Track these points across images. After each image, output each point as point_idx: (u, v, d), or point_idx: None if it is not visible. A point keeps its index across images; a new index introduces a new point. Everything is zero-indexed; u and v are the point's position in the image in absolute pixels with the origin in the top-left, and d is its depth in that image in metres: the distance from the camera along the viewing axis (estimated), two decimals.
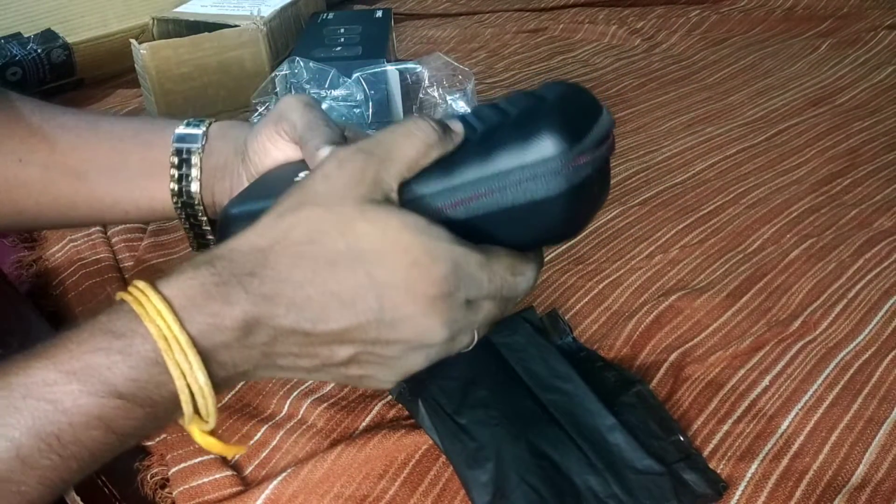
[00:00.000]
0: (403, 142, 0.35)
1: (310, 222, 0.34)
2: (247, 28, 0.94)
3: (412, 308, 0.34)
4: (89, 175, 0.50)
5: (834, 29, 1.15)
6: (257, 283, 0.33)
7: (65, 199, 0.50)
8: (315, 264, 0.33)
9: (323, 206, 0.34)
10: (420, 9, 1.34)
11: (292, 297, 0.33)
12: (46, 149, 0.50)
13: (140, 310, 0.32)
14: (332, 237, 0.33)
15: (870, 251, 0.66)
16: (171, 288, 0.33)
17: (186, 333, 0.32)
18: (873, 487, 0.46)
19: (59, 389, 0.31)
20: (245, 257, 0.33)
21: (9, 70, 0.97)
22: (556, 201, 0.36)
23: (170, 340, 0.32)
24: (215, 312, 0.32)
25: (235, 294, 0.33)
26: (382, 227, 0.33)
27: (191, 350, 0.32)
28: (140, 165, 0.50)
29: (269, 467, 0.50)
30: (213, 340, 0.33)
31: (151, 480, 0.49)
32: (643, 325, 0.59)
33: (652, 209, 0.74)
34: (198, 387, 0.32)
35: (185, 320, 0.32)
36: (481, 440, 0.48)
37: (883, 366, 0.55)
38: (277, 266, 0.33)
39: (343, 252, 0.33)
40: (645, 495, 0.45)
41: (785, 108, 0.93)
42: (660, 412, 0.50)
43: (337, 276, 0.33)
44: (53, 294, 0.67)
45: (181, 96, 0.93)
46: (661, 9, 1.25)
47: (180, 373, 0.32)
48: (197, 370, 0.32)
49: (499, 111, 0.39)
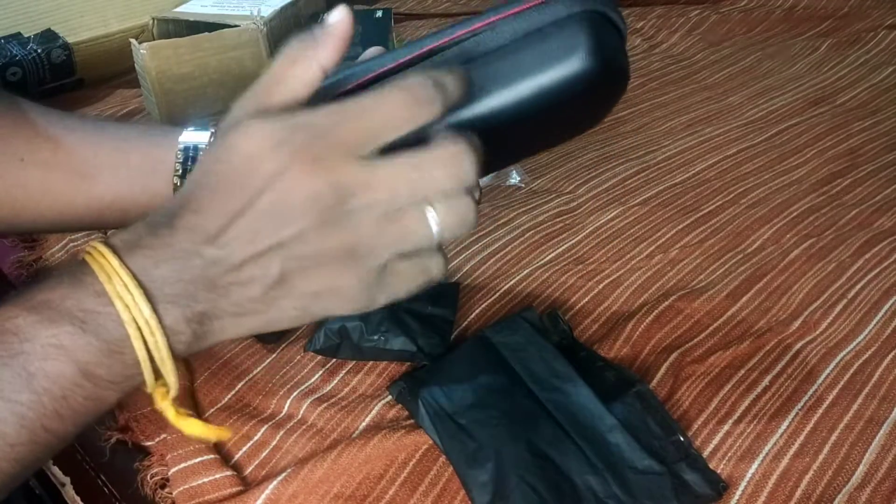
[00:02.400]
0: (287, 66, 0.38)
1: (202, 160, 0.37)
2: (247, 28, 0.94)
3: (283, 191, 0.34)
4: (91, 172, 0.50)
5: (834, 29, 1.15)
6: (177, 219, 0.35)
7: (64, 198, 0.51)
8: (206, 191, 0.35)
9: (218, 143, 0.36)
10: (420, 9, 1.34)
11: (200, 224, 0.35)
12: (50, 148, 0.50)
13: (87, 256, 0.35)
14: (210, 163, 0.36)
15: (870, 251, 0.66)
16: (114, 237, 0.36)
17: (126, 267, 0.34)
18: (873, 487, 0.46)
19: (19, 321, 0.33)
20: (171, 204, 0.36)
21: (9, 70, 0.97)
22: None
23: (110, 273, 0.34)
24: (149, 246, 0.35)
25: (162, 231, 0.35)
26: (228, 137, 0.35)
27: (130, 280, 0.34)
28: (143, 162, 0.50)
29: (269, 467, 0.50)
30: (152, 274, 0.34)
31: (151, 480, 0.49)
32: (643, 325, 0.59)
33: (652, 209, 0.74)
34: (143, 319, 0.34)
35: (124, 257, 0.34)
36: (481, 440, 0.48)
37: (883, 366, 0.55)
38: (187, 202, 0.35)
39: (228, 165, 0.35)
40: (645, 495, 0.45)
41: (785, 109, 0.93)
42: (660, 412, 0.50)
43: (220, 194, 0.35)
44: None
45: (181, 96, 0.93)
46: (661, 9, 1.25)
47: (123, 304, 0.34)
48: (138, 299, 0.33)
49: None
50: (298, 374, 0.56)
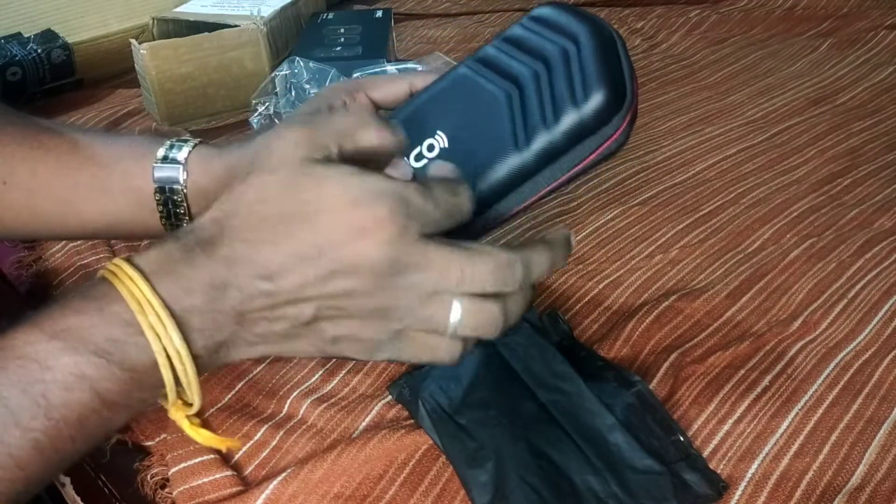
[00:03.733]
0: (340, 115, 0.38)
1: (258, 187, 0.35)
2: (247, 28, 0.94)
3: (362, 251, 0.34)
4: (75, 202, 0.49)
5: (834, 29, 1.15)
6: (216, 247, 0.35)
7: (54, 222, 0.50)
8: (266, 224, 0.35)
9: (269, 172, 0.35)
10: (420, 9, 1.34)
11: (250, 257, 0.34)
12: (28, 172, 0.49)
13: (113, 277, 0.34)
14: (279, 196, 0.35)
15: (870, 251, 0.66)
16: (141, 258, 0.35)
17: (158, 296, 0.33)
18: (873, 488, 0.46)
19: (42, 348, 0.32)
20: (204, 227, 0.35)
21: (9, 70, 0.97)
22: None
23: (142, 302, 0.33)
24: (183, 275, 0.34)
25: (199, 259, 0.34)
26: (321, 180, 0.35)
27: (163, 311, 0.33)
28: (125, 197, 0.49)
29: (269, 467, 0.50)
30: (183, 303, 0.34)
31: (151, 480, 0.50)
32: (643, 325, 0.59)
33: (652, 209, 0.74)
34: (174, 349, 0.34)
35: (155, 284, 0.34)
36: (481, 440, 0.48)
37: (883, 366, 0.55)
38: (234, 231, 0.35)
39: (290, 209, 0.35)
40: (645, 495, 0.45)
41: (785, 108, 0.93)
42: (660, 412, 0.50)
43: (287, 232, 0.34)
44: (53, 294, 0.68)
45: (181, 96, 0.93)
46: (661, 9, 1.25)
47: (155, 334, 0.33)
48: (171, 330, 0.33)
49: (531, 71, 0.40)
50: (298, 374, 0.56)
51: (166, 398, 0.36)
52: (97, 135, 0.52)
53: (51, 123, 0.52)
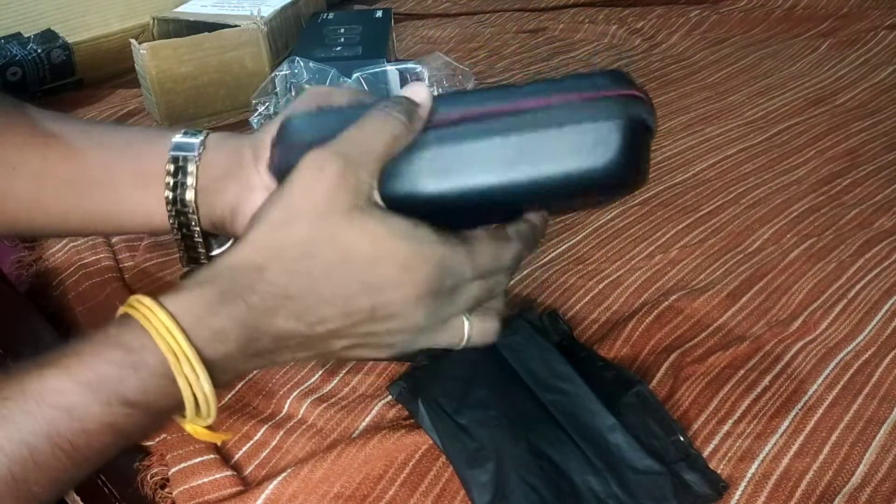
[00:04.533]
0: (375, 139, 0.37)
1: (301, 239, 0.36)
2: (247, 28, 0.94)
3: (402, 305, 0.36)
4: (80, 188, 0.49)
5: (834, 29, 1.15)
6: (257, 298, 0.35)
7: (57, 211, 0.50)
8: (310, 277, 0.35)
9: (310, 221, 0.35)
10: (420, 9, 1.34)
11: (290, 308, 0.35)
12: (39, 157, 0.49)
13: (149, 326, 0.34)
14: (324, 250, 0.35)
15: (870, 251, 0.66)
16: (176, 305, 0.35)
17: (194, 348, 0.34)
18: (873, 488, 0.46)
19: (74, 399, 0.32)
20: (243, 274, 0.35)
21: (9, 70, 0.97)
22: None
23: (178, 355, 0.33)
24: (219, 328, 0.35)
25: (237, 309, 0.35)
26: (370, 235, 0.35)
27: (198, 364, 0.34)
28: (132, 178, 0.49)
29: (269, 467, 0.50)
30: (218, 352, 0.35)
31: (151, 480, 0.49)
32: (643, 325, 0.59)
33: (652, 209, 0.74)
34: (203, 395, 0.34)
35: (192, 336, 0.34)
36: (481, 440, 0.48)
37: (883, 366, 0.55)
38: (274, 281, 0.35)
39: (335, 262, 0.35)
40: (645, 495, 0.45)
41: (785, 108, 0.93)
42: (660, 412, 0.50)
43: (331, 284, 0.35)
44: (53, 294, 0.68)
45: (181, 96, 0.93)
46: (661, 9, 1.25)
47: (187, 384, 0.34)
48: (203, 381, 0.34)
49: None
50: (298, 373, 0.56)
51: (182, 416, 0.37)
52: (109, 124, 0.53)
53: (62, 114, 0.53)
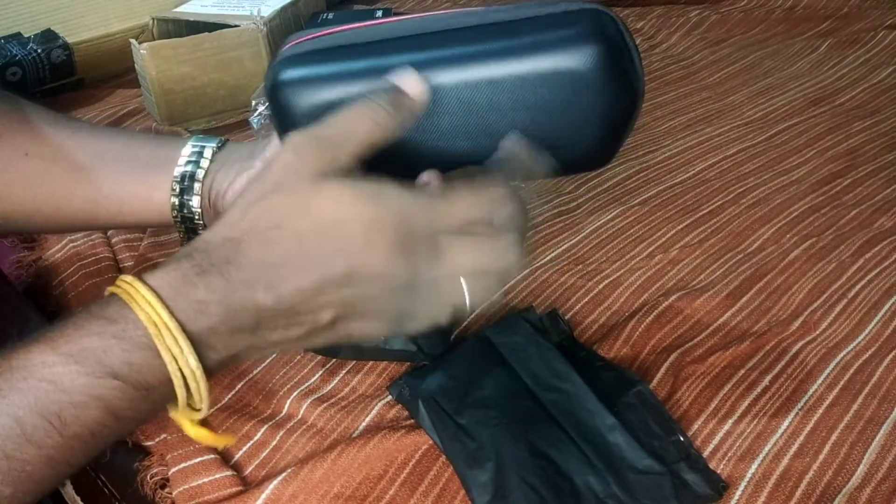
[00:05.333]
0: (356, 125, 0.37)
1: (273, 209, 0.36)
2: (247, 28, 0.94)
3: (377, 265, 0.35)
4: (92, 167, 0.51)
5: (834, 29, 1.15)
6: (233, 269, 0.35)
7: (61, 191, 0.51)
8: (284, 245, 0.35)
9: (283, 192, 0.36)
10: (420, 9, 1.34)
11: (268, 279, 0.35)
12: (56, 144, 0.50)
13: (129, 299, 0.34)
14: (295, 218, 0.35)
15: (870, 251, 0.66)
16: (156, 279, 0.35)
17: (175, 319, 0.34)
18: (873, 487, 0.46)
19: (59, 370, 0.33)
20: (220, 248, 0.35)
21: (9, 70, 0.97)
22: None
23: (159, 326, 0.33)
24: (199, 299, 0.34)
25: (215, 282, 0.35)
26: (336, 198, 0.35)
27: (180, 335, 0.34)
28: (148, 158, 0.51)
29: (269, 467, 0.50)
30: (200, 325, 0.34)
31: (151, 480, 0.50)
32: (643, 325, 0.59)
33: (652, 209, 0.74)
34: (189, 370, 0.34)
35: (172, 308, 0.34)
36: (481, 440, 0.48)
37: (883, 366, 0.55)
38: (250, 253, 0.35)
39: (307, 229, 0.35)
40: (645, 495, 0.45)
41: (785, 108, 0.93)
42: (660, 412, 0.50)
43: (305, 251, 0.35)
44: (53, 294, 0.68)
45: (181, 96, 0.93)
46: (661, 9, 1.25)
47: (171, 357, 0.34)
48: (188, 354, 0.34)
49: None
50: (298, 374, 0.56)
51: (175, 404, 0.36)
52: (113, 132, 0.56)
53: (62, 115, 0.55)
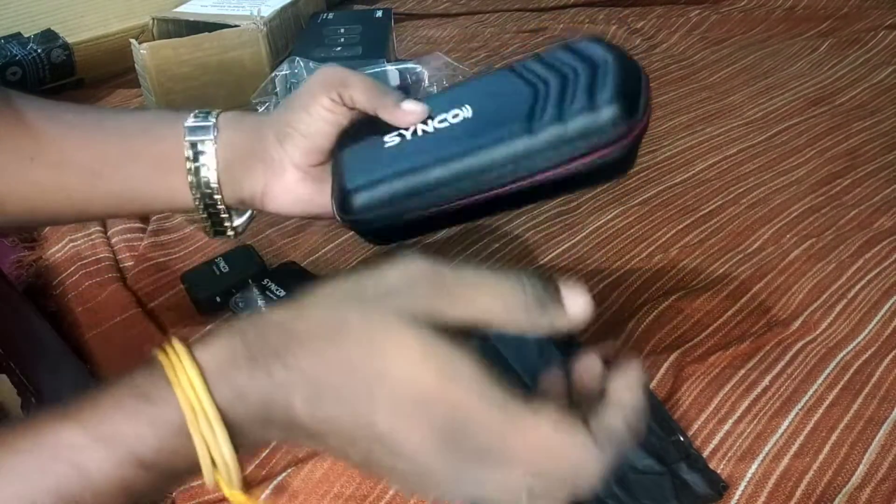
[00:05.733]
0: (485, 297, 0.33)
1: (339, 320, 0.32)
2: (247, 28, 0.94)
3: (409, 443, 0.32)
4: (104, 172, 0.50)
5: (834, 29, 1.15)
6: (279, 366, 0.32)
7: (80, 196, 0.50)
8: (333, 369, 0.32)
9: (360, 309, 0.33)
10: (420, 9, 1.34)
11: (308, 393, 0.32)
12: (56, 148, 0.50)
13: (172, 375, 0.32)
14: (353, 342, 0.32)
15: (870, 251, 0.66)
16: (205, 354, 0.33)
17: (214, 405, 0.32)
18: (873, 487, 0.46)
19: (86, 456, 0.31)
20: (275, 336, 0.33)
21: (9, 70, 0.97)
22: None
23: (197, 412, 0.31)
24: (241, 386, 0.32)
25: (259, 372, 0.32)
26: (401, 351, 0.31)
27: (217, 423, 0.32)
28: (153, 161, 0.50)
29: (269, 467, 0.50)
30: (237, 411, 0.32)
31: None
32: (643, 325, 0.59)
33: (652, 209, 0.74)
34: (221, 459, 0.32)
35: (213, 392, 0.32)
36: None
37: (883, 366, 0.55)
38: (298, 355, 0.32)
39: (357, 363, 0.32)
40: (645, 495, 0.45)
41: (785, 108, 0.93)
42: (660, 412, 0.50)
43: (351, 387, 0.32)
44: (53, 294, 0.68)
45: (181, 96, 0.93)
46: (661, 9, 1.25)
47: (204, 444, 0.32)
48: (222, 442, 0.32)
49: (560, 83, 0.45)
50: None
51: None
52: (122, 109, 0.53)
53: (75, 104, 0.53)
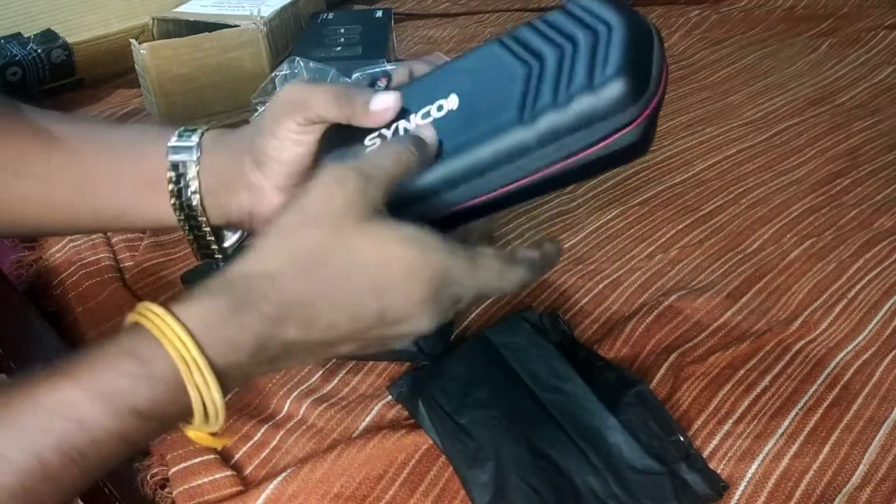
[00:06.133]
0: (392, 165, 0.39)
1: (314, 244, 0.36)
2: (247, 28, 0.93)
3: (408, 309, 0.37)
4: (88, 189, 0.49)
5: (834, 29, 1.15)
6: (268, 306, 0.35)
7: (65, 211, 0.50)
8: (320, 282, 0.36)
9: (325, 228, 0.36)
10: (420, 9, 1.34)
11: (301, 315, 0.36)
12: (42, 161, 0.49)
13: (161, 336, 0.34)
14: (336, 255, 0.36)
15: (870, 251, 0.66)
16: (189, 314, 0.35)
17: (205, 357, 0.34)
18: (873, 487, 0.46)
19: (85, 411, 0.33)
20: (255, 282, 0.36)
21: (9, 70, 0.97)
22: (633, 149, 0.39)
23: (189, 364, 0.34)
24: (230, 337, 0.35)
25: (249, 319, 0.35)
26: (380, 241, 0.36)
27: (209, 372, 0.34)
28: (137, 179, 0.49)
29: (269, 467, 0.50)
30: (227, 361, 0.35)
31: (151, 480, 0.50)
32: (643, 325, 0.59)
33: (652, 209, 0.74)
34: (212, 405, 0.35)
35: (203, 345, 0.34)
36: (481, 440, 0.48)
37: (883, 366, 0.55)
38: (286, 288, 0.36)
39: (346, 267, 0.36)
40: (645, 495, 0.45)
41: (785, 108, 0.93)
42: (660, 412, 0.50)
43: (342, 289, 0.36)
44: (53, 294, 0.68)
45: (181, 96, 0.93)
46: (661, 9, 1.25)
47: (197, 392, 0.34)
48: (213, 390, 0.34)
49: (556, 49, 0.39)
50: (298, 373, 0.56)
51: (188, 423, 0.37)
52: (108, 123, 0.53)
53: (61, 115, 0.52)
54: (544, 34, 0.40)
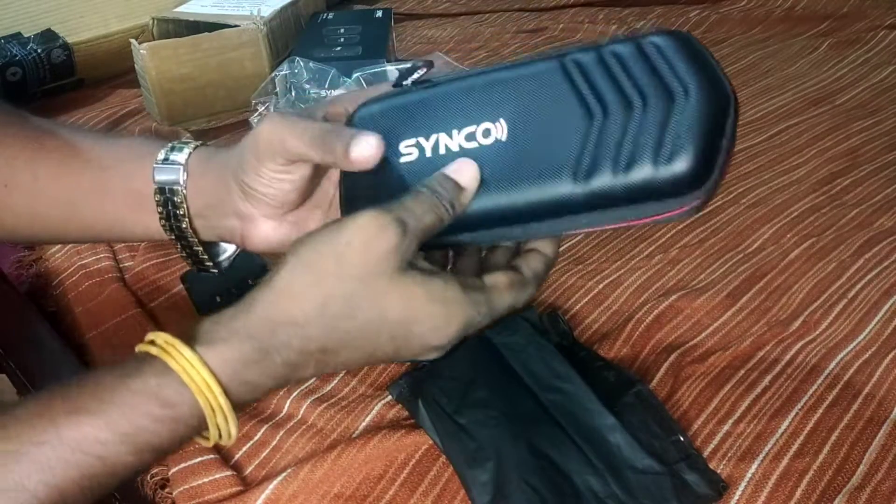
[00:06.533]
0: (427, 217, 0.38)
1: (345, 296, 0.37)
2: (247, 28, 0.94)
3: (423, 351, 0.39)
4: (77, 203, 0.49)
5: (834, 29, 1.15)
6: (291, 353, 0.37)
7: (55, 225, 0.49)
8: (346, 334, 0.37)
9: (358, 281, 0.37)
10: (420, 9, 1.34)
11: (321, 360, 0.38)
12: (30, 175, 0.48)
13: (190, 382, 0.35)
14: (364, 310, 0.37)
15: (870, 251, 0.66)
16: (215, 358, 0.36)
17: (229, 402, 0.36)
18: (873, 487, 0.46)
19: (110, 450, 0.34)
20: (283, 329, 0.37)
21: (9, 70, 0.97)
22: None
23: (214, 408, 0.35)
24: (252, 381, 0.37)
25: (271, 366, 0.37)
26: (408, 299, 0.37)
27: (230, 412, 0.36)
28: (125, 197, 0.48)
29: (269, 467, 0.50)
30: (245, 400, 0.37)
31: (151, 480, 0.50)
32: (643, 325, 0.59)
33: None
34: (227, 436, 0.37)
35: (227, 390, 0.36)
36: (481, 440, 0.48)
37: (883, 366, 0.55)
38: (311, 336, 0.37)
39: (373, 321, 0.37)
40: (645, 495, 0.45)
41: (785, 108, 0.93)
42: (660, 412, 0.50)
43: (365, 339, 0.38)
44: (53, 294, 0.68)
45: (181, 96, 0.93)
46: (661, 9, 1.25)
47: (216, 430, 0.36)
48: (232, 426, 0.36)
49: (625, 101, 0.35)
50: None
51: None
52: (98, 137, 0.51)
53: (52, 125, 0.51)
54: (613, 75, 0.36)
